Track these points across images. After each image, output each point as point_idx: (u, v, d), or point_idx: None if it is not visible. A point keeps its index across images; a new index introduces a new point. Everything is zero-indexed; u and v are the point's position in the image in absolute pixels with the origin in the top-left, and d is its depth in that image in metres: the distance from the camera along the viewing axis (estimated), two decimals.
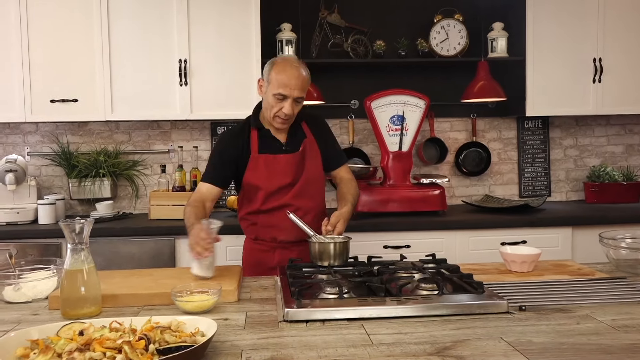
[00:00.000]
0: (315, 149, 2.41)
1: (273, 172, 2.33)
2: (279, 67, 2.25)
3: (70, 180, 3.68)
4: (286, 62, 2.28)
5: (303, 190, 2.36)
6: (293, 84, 2.21)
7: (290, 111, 2.24)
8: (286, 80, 2.21)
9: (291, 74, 2.22)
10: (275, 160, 2.33)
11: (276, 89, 2.22)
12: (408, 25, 3.93)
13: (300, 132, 2.41)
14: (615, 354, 1.24)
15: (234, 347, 1.32)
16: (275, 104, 2.25)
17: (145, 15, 3.44)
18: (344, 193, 2.41)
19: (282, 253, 2.35)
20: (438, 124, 4.03)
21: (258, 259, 2.40)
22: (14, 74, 3.40)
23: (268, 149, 2.35)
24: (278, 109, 2.25)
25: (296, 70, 2.24)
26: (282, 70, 2.23)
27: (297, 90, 2.22)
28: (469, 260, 3.08)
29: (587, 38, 3.67)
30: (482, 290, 1.64)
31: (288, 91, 2.21)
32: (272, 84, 2.24)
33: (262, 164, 2.33)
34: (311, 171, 2.39)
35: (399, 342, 1.33)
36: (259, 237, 2.43)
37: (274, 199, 2.34)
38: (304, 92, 2.27)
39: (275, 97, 2.23)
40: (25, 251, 3.18)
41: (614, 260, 2.01)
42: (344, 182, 2.48)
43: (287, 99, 2.23)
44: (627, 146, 4.19)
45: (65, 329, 1.30)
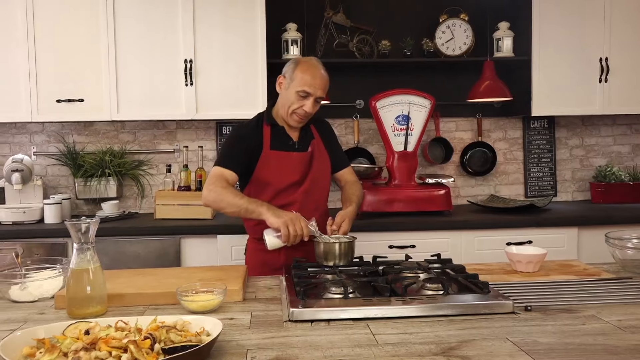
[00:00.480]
0: (323, 150, 2.46)
1: (284, 169, 2.35)
2: (305, 66, 2.32)
3: (76, 179, 3.69)
4: (311, 62, 2.35)
5: (310, 189, 2.37)
6: (317, 84, 2.29)
7: (310, 109, 2.30)
8: (311, 79, 2.28)
9: (316, 74, 2.30)
10: (287, 158, 2.36)
11: (300, 87, 2.28)
12: (413, 25, 3.92)
13: (310, 133, 2.46)
14: (621, 355, 1.24)
15: (239, 346, 1.33)
16: (297, 100, 2.30)
17: (151, 15, 3.45)
18: (348, 194, 2.45)
19: (288, 253, 2.31)
20: (443, 124, 4.03)
21: (263, 260, 2.38)
22: (20, 74, 3.42)
23: (280, 146, 2.38)
24: (299, 106, 2.30)
25: (320, 71, 2.32)
26: (307, 69, 2.30)
27: (320, 90, 2.30)
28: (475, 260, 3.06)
29: (593, 38, 3.66)
30: (487, 290, 1.64)
31: (312, 90, 2.28)
32: (296, 82, 2.29)
33: (273, 160, 2.35)
34: (318, 171, 2.42)
35: (404, 342, 1.33)
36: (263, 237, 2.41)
37: (282, 197, 2.35)
38: (324, 94, 2.35)
39: (297, 94, 2.29)
40: (32, 250, 3.20)
41: (620, 260, 2.01)
42: (348, 184, 2.52)
43: (309, 97, 2.29)
44: (634, 146, 4.17)
45: (71, 328, 1.30)
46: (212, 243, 3.25)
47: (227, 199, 2.21)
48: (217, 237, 3.24)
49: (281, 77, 2.37)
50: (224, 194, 2.22)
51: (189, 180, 3.58)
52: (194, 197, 3.48)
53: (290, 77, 2.32)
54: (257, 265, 2.39)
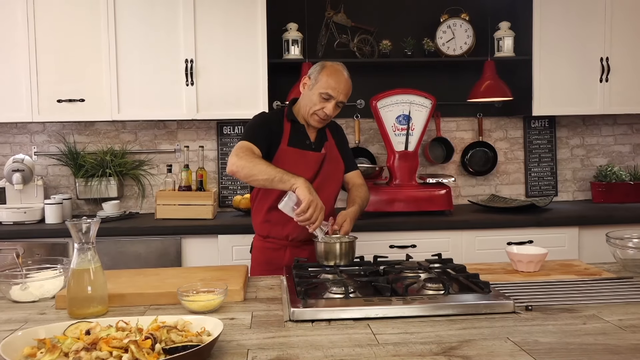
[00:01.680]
0: (335, 152, 2.51)
1: (299, 167, 2.35)
2: (330, 70, 2.37)
3: (77, 179, 3.69)
4: (337, 66, 2.41)
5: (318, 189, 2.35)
6: (341, 88, 2.35)
7: (331, 112, 2.36)
8: (335, 83, 2.34)
9: (341, 79, 2.36)
10: (303, 156, 2.40)
11: (324, 89, 2.33)
12: (414, 24, 3.92)
13: (325, 135, 2.51)
14: (622, 354, 1.24)
15: (240, 346, 1.33)
16: (319, 102, 2.35)
17: (152, 15, 3.45)
18: (353, 196, 2.49)
19: (293, 252, 2.36)
20: (444, 124, 4.03)
21: (268, 258, 2.41)
22: (21, 74, 3.42)
23: (298, 144, 2.41)
24: (320, 107, 2.35)
25: (344, 77, 2.38)
26: (333, 73, 2.36)
27: (342, 95, 2.36)
28: (475, 260, 3.06)
29: (593, 37, 3.66)
30: (488, 290, 1.64)
31: (335, 93, 2.33)
32: (321, 84, 2.35)
33: (290, 157, 2.38)
34: (328, 171, 2.45)
35: (405, 341, 1.33)
36: (270, 235, 2.44)
37: None
38: (346, 98, 2.40)
39: (320, 96, 2.34)
40: (32, 250, 3.20)
41: (621, 260, 2.00)
42: (355, 186, 2.55)
43: (331, 100, 2.34)
44: (635, 146, 4.17)
45: (72, 328, 1.30)
46: (213, 243, 3.25)
47: (259, 167, 2.19)
48: (218, 237, 3.24)
49: (306, 77, 2.43)
50: (255, 161, 2.21)
51: (190, 180, 3.58)
52: (194, 197, 3.48)
53: (315, 78, 2.37)
54: (262, 263, 2.43)
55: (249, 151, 2.26)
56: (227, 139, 3.91)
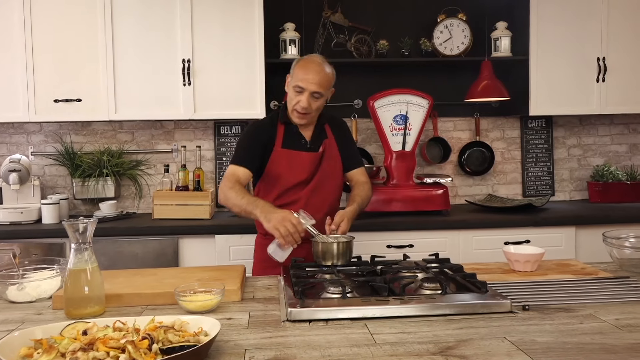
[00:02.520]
0: (335, 150, 2.49)
1: (293, 168, 2.38)
2: (302, 62, 2.37)
3: (74, 179, 3.68)
4: (309, 58, 2.38)
5: (316, 189, 2.40)
6: (310, 78, 2.30)
7: (306, 104, 2.31)
8: (303, 74, 2.31)
9: (310, 69, 2.31)
10: (298, 157, 2.39)
11: (295, 82, 2.32)
12: (411, 24, 3.93)
13: (323, 133, 2.49)
14: (619, 354, 1.24)
15: (237, 346, 1.33)
16: (294, 96, 2.34)
17: (149, 15, 3.45)
18: (353, 195, 2.48)
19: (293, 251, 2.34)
20: (441, 124, 4.03)
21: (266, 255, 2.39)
22: (17, 73, 3.41)
23: (292, 145, 2.41)
24: (296, 101, 2.34)
25: (316, 66, 2.32)
26: (303, 65, 2.34)
27: (314, 85, 2.29)
28: (472, 259, 3.07)
29: (590, 37, 3.66)
30: (485, 289, 1.64)
31: (305, 84, 2.30)
32: (294, 78, 2.35)
33: (284, 158, 2.39)
34: (327, 171, 2.44)
35: (403, 341, 1.33)
36: (268, 232, 2.42)
37: (289, 194, 2.40)
38: (322, 88, 2.32)
39: (294, 90, 2.33)
40: (29, 251, 3.19)
41: (618, 259, 2.01)
42: (358, 184, 2.53)
43: (304, 92, 2.30)
44: (631, 145, 4.18)
45: (69, 329, 1.30)
46: (210, 243, 3.24)
47: (231, 200, 2.27)
48: (215, 237, 3.24)
49: (288, 75, 2.42)
50: (229, 195, 2.28)
51: (187, 180, 3.58)
52: (192, 197, 3.48)
53: (291, 74, 2.38)
54: (262, 260, 2.43)
55: (229, 181, 2.31)
56: (224, 138, 3.91)
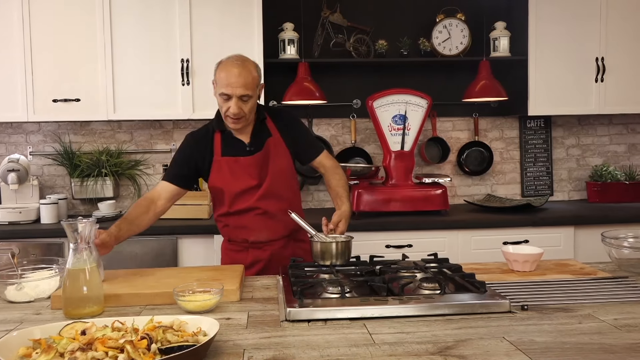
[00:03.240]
0: (282, 146, 2.35)
1: (236, 174, 2.29)
2: (222, 66, 2.21)
3: (73, 179, 3.68)
4: (229, 60, 2.22)
5: (270, 192, 2.30)
6: (233, 82, 2.15)
7: (236, 110, 2.17)
8: (226, 79, 2.17)
9: (232, 73, 2.16)
10: (237, 163, 2.29)
11: (220, 89, 2.19)
12: (410, 24, 3.93)
13: (265, 130, 2.34)
14: (617, 354, 1.24)
15: (236, 346, 1.32)
16: (223, 103, 2.21)
17: (148, 14, 3.45)
18: (335, 188, 2.38)
19: (255, 253, 2.32)
20: (440, 124, 4.03)
21: (232, 259, 2.38)
22: (16, 73, 3.41)
23: (231, 152, 2.30)
24: (226, 108, 2.20)
25: (237, 68, 2.17)
26: (224, 69, 2.19)
27: (239, 89, 2.16)
28: (471, 259, 3.08)
29: (589, 37, 3.66)
30: (484, 289, 1.64)
31: (230, 90, 2.16)
32: (218, 84, 2.21)
33: (225, 166, 2.30)
34: (277, 171, 2.33)
35: (401, 341, 1.33)
36: (232, 238, 2.41)
37: (241, 202, 2.31)
38: (249, 90, 2.18)
39: (221, 97, 2.20)
40: (28, 251, 3.19)
41: (616, 259, 2.01)
42: (329, 171, 2.43)
43: (231, 99, 2.18)
44: (630, 145, 4.18)
45: (68, 329, 1.30)
46: (209, 243, 3.24)
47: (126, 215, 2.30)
48: (214, 237, 3.23)
49: (213, 81, 2.28)
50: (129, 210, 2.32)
51: None
52: (190, 197, 3.46)
53: (215, 80, 2.24)
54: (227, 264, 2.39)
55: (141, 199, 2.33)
56: None
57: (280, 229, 2.32)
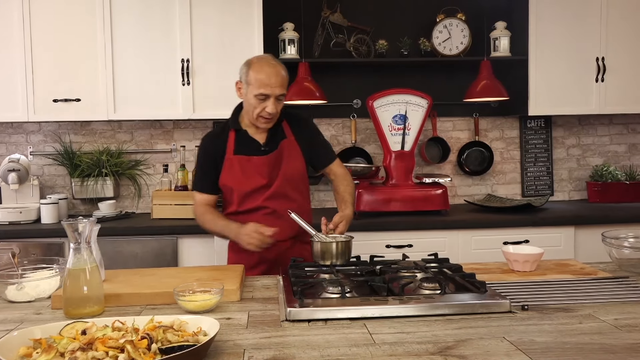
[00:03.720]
0: (296, 149, 2.37)
1: (247, 173, 2.30)
2: (257, 67, 2.23)
3: (73, 179, 3.68)
4: (263, 61, 2.26)
5: (279, 192, 2.31)
6: (273, 82, 2.20)
7: (273, 110, 2.22)
8: (266, 79, 2.19)
9: (270, 73, 2.20)
10: (249, 162, 2.31)
11: (257, 90, 2.20)
12: (410, 24, 3.93)
13: (280, 132, 2.37)
14: (618, 354, 1.24)
15: (237, 346, 1.32)
16: (258, 104, 2.23)
17: (148, 14, 3.45)
18: (342, 193, 2.42)
19: (261, 253, 2.30)
20: (440, 124, 4.03)
21: (238, 259, 2.38)
22: (16, 73, 3.41)
23: (244, 150, 2.32)
24: (261, 109, 2.23)
25: (274, 68, 2.22)
26: (260, 69, 2.21)
27: (278, 88, 2.21)
28: (471, 259, 3.08)
29: (589, 37, 3.66)
30: (484, 289, 1.64)
31: (269, 90, 2.20)
32: (253, 85, 2.22)
33: (236, 165, 2.31)
34: (288, 173, 2.34)
35: (402, 341, 1.33)
36: None
37: (249, 201, 2.32)
38: (285, 90, 2.25)
39: (257, 98, 2.21)
40: (28, 250, 3.19)
41: (617, 259, 2.01)
42: (338, 178, 2.46)
43: (269, 99, 2.21)
44: (630, 145, 4.18)
45: (68, 328, 1.30)
46: (209, 243, 3.24)
47: (207, 226, 2.37)
48: (214, 237, 3.23)
49: (238, 82, 2.31)
50: (203, 221, 2.37)
51: (186, 180, 3.58)
52: (191, 197, 3.43)
53: (246, 80, 2.25)
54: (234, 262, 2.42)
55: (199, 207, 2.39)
56: None
57: (287, 229, 2.30)
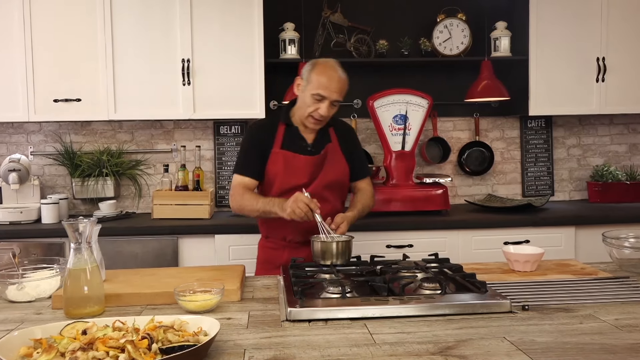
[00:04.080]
0: (339, 154, 2.43)
1: (290, 170, 2.34)
2: (321, 68, 2.29)
3: (74, 179, 3.68)
4: (328, 64, 2.31)
5: (315, 193, 2.31)
6: (333, 87, 2.25)
7: (326, 113, 2.27)
8: (326, 82, 2.25)
9: (332, 77, 2.26)
10: (295, 159, 2.35)
11: (315, 90, 2.25)
12: (411, 24, 3.93)
13: (327, 136, 2.43)
14: (618, 354, 1.24)
15: (237, 346, 1.32)
16: (312, 104, 2.28)
17: (149, 14, 3.45)
18: (355, 200, 2.46)
19: (291, 253, 2.34)
20: (441, 124, 4.03)
21: (268, 257, 2.43)
22: (17, 73, 3.41)
23: (291, 147, 2.37)
24: (314, 109, 2.28)
25: (337, 74, 2.28)
26: (323, 71, 2.27)
27: (335, 93, 2.26)
28: (472, 259, 3.07)
29: (590, 37, 3.66)
30: (485, 289, 1.64)
31: (327, 93, 2.25)
32: (312, 84, 2.26)
33: (281, 160, 2.35)
34: (329, 175, 2.38)
35: (402, 341, 1.33)
36: (270, 235, 2.46)
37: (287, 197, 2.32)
38: (341, 97, 2.30)
39: (313, 97, 2.26)
40: (29, 250, 3.19)
41: (617, 259, 2.01)
42: (362, 191, 2.51)
43: (324, 100, 2.26)
44: (631, 145, 4.18)
45: (69, 328, 1.30)
46: (210, 243, 3.24)
47: (247, 207, 2.31)
48: (215, 236, 3.24)
49: (299, 78, 2.36)
50: (243, 202, 2.32)
51: (187, 180, 3.58)
52: (191, 197, 3.48)
53: (307, 79, 2.30)
54: (262, 262, 2.48)
55: (238, 189, 2.35)
56: (224, 138, 3.90)
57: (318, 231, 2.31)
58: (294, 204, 2.12)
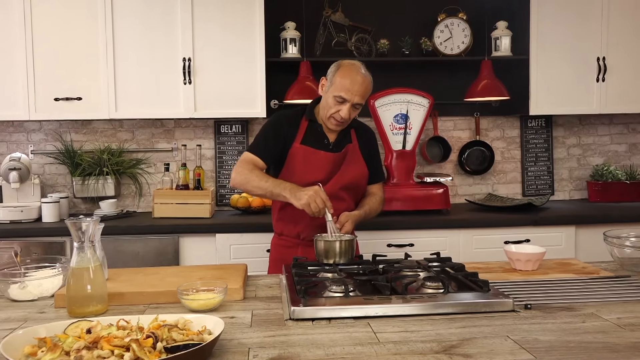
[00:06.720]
0: (358, 155, 2.43)
1: (309, 165, 2.33)
2: (345, 70, 2.28)
3: (74, 178, 3.68)
4: (352, 67, 2.30)
5: (331, 191, 2.31)
6: (355, 90, 2.24)
7: (347, 115, 2.27)
8: (349, 84, 2.24)
9: (355, 80, 2.25)
10: (315, 155, 2.35)
11: (338, 92, 2.25)
12: (412, 24, 3.93)
13: (348, 136, 2.43)
14: (621, 352, 1.25)
15: (241, 345, 1.33)
16: (334, 105, 2.28)
17: (150, 13, 3.45)
18: (363, 202, 2.45)
19: (304, 250, 2.32)
20: (441, 123, 4.03)
21: (281, 255, 2.41)
22: (18, 72, 3.41)
23: (312, 143, 2.36)
24: (335, 110, 2.28)
25: (360, 77, 2.26)
26: (346, 74, 2.26)
27: (357, 97, 2.25)
28: (473, 258, 3.07)
29: (590, 37, 3.67)
30: (487, 288, 1.64)
31: (349, 96, 2.24)
32: (335, 86, 2.26)
33: (300, 155, 2.34)
34: (347, 176, 2.38)
35: (406, 340, 1.34)
36: (283, 232, 2.45)
37: None
38: (364, 100, 2.29)
39: (335, 99, 2.26)
40: (29, 249, 3.19)
41: (618, 258, 2.01)
42: (371, 195, 2.50)
43: (346, 103, 2.26)
44: (631, 145, 4.19)
45: (73, 327, 1.30)
46: (211, 242, 3.25)
47: (253, 182, 2.24)
48: (216, 235, 3.24)
49: (323, 79, 2.36)
50: (250, 177, 2.25)
51: (187, 179, 3.58)
52: (192, 196, 3.48)
53: (330, 80, 2.30)
54: (275, 260, 2.46)
55: (247, 164, 2.29)
56: (224, 137, 3.91)
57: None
58: (311, 198, 2.09)
